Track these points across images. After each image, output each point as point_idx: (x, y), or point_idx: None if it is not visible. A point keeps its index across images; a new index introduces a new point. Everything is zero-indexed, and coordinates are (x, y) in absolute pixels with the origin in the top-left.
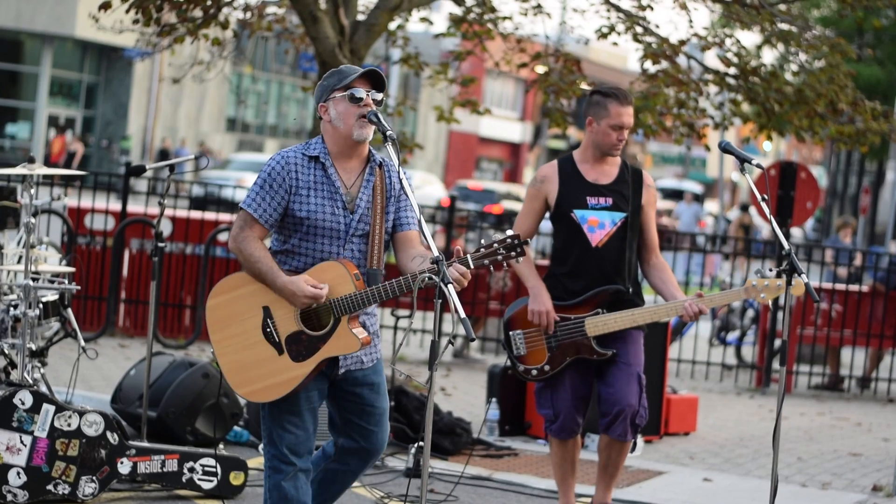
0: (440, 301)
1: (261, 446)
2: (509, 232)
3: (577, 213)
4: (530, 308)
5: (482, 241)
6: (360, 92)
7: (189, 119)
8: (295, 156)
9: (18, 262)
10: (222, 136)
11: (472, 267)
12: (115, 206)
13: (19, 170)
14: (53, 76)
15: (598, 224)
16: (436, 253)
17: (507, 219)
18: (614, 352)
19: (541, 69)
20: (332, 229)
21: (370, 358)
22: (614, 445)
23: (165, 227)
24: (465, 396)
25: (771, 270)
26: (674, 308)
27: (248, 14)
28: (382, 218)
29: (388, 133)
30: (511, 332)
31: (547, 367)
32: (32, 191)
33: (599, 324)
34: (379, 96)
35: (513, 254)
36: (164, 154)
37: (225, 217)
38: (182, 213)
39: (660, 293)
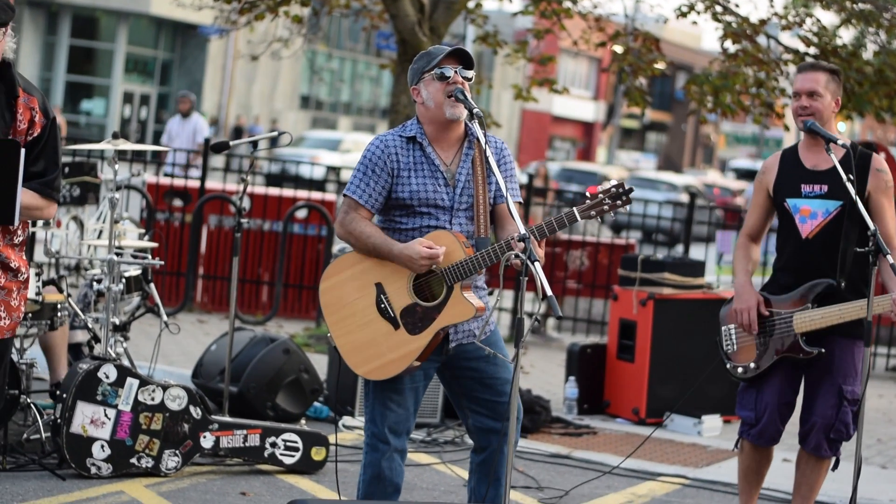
0: (525, 278)
1: (341, 422)
2: (613, 181)
3: (790, 203)
4: (733, 306)
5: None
6: (448, 70)
7: (263, 96)
8: (393, 138)
9: (98, 237)
10: (296, 113)
11: (579, 219)
12: (194, 183)
13: (104, 145)
14: (129, 53)
15: (810, 214)
16: (522, 230)
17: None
18: (821, 350)
19: (619, 48)
20: (437, 206)
21: (483, 330)
22: (809, 461)
23: (244, 204)
24: (543, 375)
25: None
26: (881, 304)
27: None
28: (485, 188)
29: (475, 110)
30: (724, 327)
31: (753, 365)
32: (116, 167)
33: (807, 320)
34: (468, 73)
35: (618, 202)
36: (238, 131)
37: (302, 194)
38: (259, 189)
39: (887, 288)
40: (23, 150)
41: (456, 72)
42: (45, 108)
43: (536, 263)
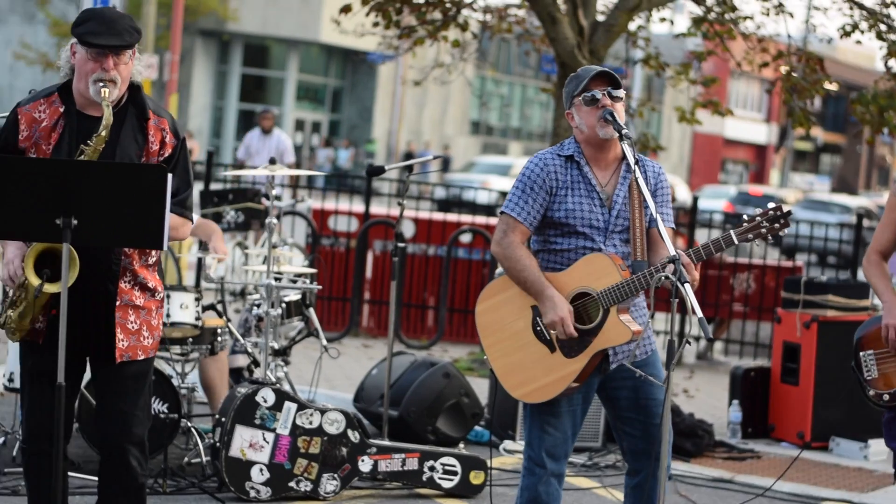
0: (676, 300)
1: (502, 446)
2: (772, 203)
3: None
4: (884, 322)
5: (746, 215)
6: (596, 93)
7: (433, 122)
8: (552, 157)
9: (263, 262)
10: (466, 138)
11: (736, 242)
12: (359, 207)
13: (261, 171)
14: (299, 81)
15: None
16: (672, 251)
17: None
18: None
19: (783, 69)
20: (592, 227)
21: (642, 350)
22: None
23: (408, 229)
24: (708, 399)
25: None
26: None
27: (489, 16)
28: (641, 212)
29: (624, 132)
30: (861, 353)
31: None
32: (275, 192)
33: None
34: (618, 94)
35: (776, 225)
36: (408, 157)
37: (466, 219)
38: (425, 214)
39: None
40: (170, 176)
41: (605, 94)
42: (175, 128)
43: (687, 285)
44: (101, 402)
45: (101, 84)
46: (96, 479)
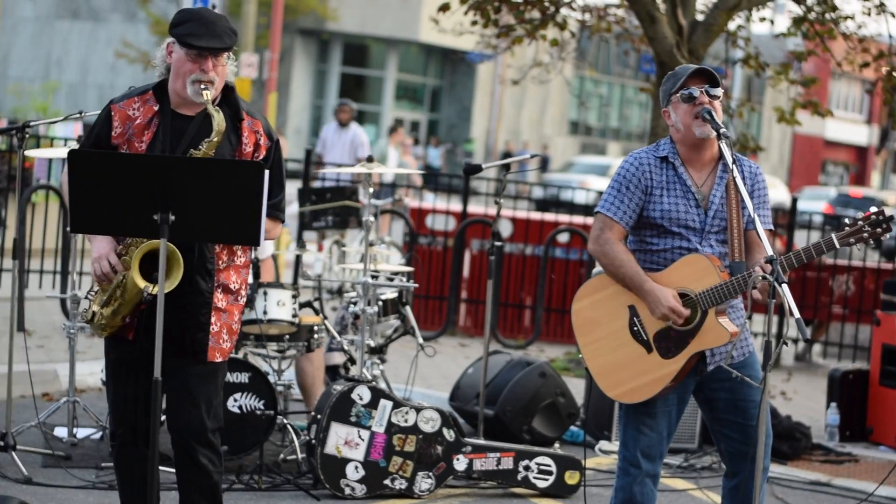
0: (772, 301)
1: (597, 446)
2: (874, 207)
3: None
4: None
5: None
6: (694, 91)
7: (532, 122)
8: (647, 157)
9: (360, 260)
10: (565, 139)
11: (837, 246)
12: (457, 206)
13: (358, 168)
14: (398, 80)
15: None
16: (770, 252)
17: None
18: None
19: (884, 69)
20: (688, 227)
21: (740, 353)
22: None
23: (506, 228)
24: (806, 401)
25: None
26: None
27: (587, 15)
28: (739, 212)
29: (721, 130)
30: None
31: None
32: (371, 190)
33: None
34: (715, 92)
35: (878, 230)
36: (507, 157)
37: (564, 219)
38: (522, 213)
39: None
40: (266, 173)
41: (702, 92)
42: (269, 130)
43: (784, 286)
44: (171, 399)
45: (202, 86)
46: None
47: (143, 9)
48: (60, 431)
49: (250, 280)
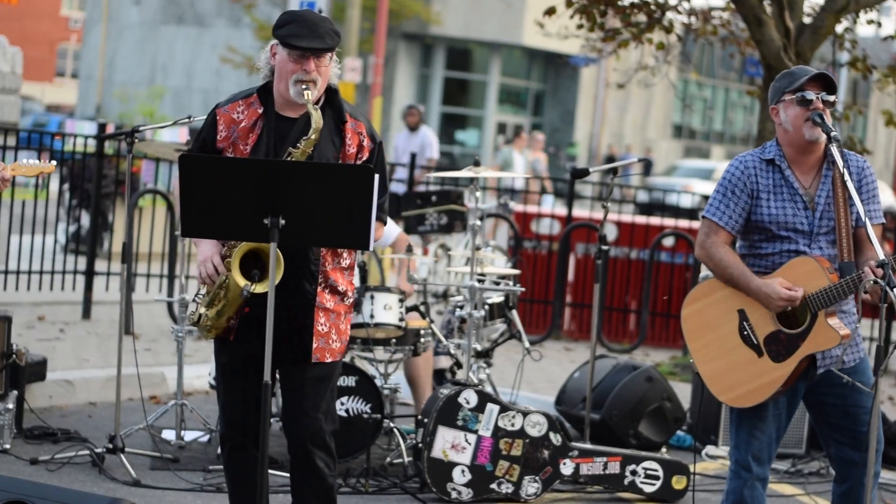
0: (884, 305)
1: (704, 451)
2: None
3: None
4: None
5: None
6: (810, 94)
7: (635, 125)
8: (752, 160)
9: (466, 264)
10: (668, 142)
11: None
12: (561, 210)
13: (465, 172)
14: (502, 84)
15: None
16: (881, 254)
17: None
18: None
19: None
20: (797, 230)
21: (851, 358)
22: None
23: (610, 232)
24: None
25: None
26: None
27: (693, 18)
28: (846, 211)
29: (833, 134)
30: None
31: None
32: (479, 194)
33: None
34: (830, 99)
35: None
36: (610, 160)
37: (669, 222)
38: (627, 217)
39: None
40: (376, 177)
41: (818, 97)
42: (372, 132)
43: None
44: (286, 403)
45: (304, 86)
46: (286, 474)
47: (248, 14)
48: (168, 434)
49: (357, 283)
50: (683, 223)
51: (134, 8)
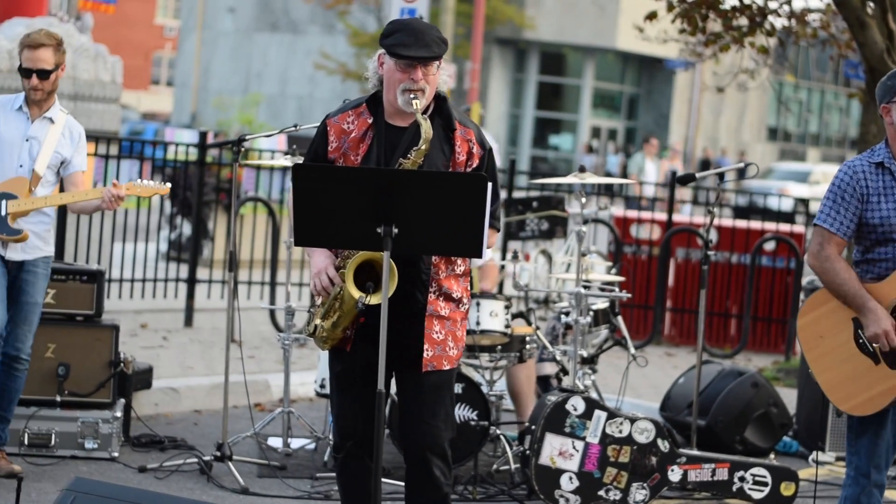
0: None
1: (811, 457)
2: None
3: None
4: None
5: None
6: None
7: (730, 128)
8: (861, 164)
9: (566, 270)
10: (763, 144)
11: None
12: (661, 215)
13: (570, 178)
14: (595, 88)
15: None
16: None
17: None
18: None
19: None
20: None
21: None
22: None
23: (711, 236)
24: None
25: None
26: None
27: (792, 21)
28: None
29: None
30: None
31: None
32: (583, 200)
33: None
34: None
35: None
36: (705, 164)
37: (770, 226)
38: (727, 222)
39: None
40: (489, 185)
41: None
42: (482, 139)
43: None
44: (404, 411)
45: (412, 95)
46: (399, 483)
47: (342, 20)
48: (274, 441)
49: None
50: (784, 227)
51: (228, 16)
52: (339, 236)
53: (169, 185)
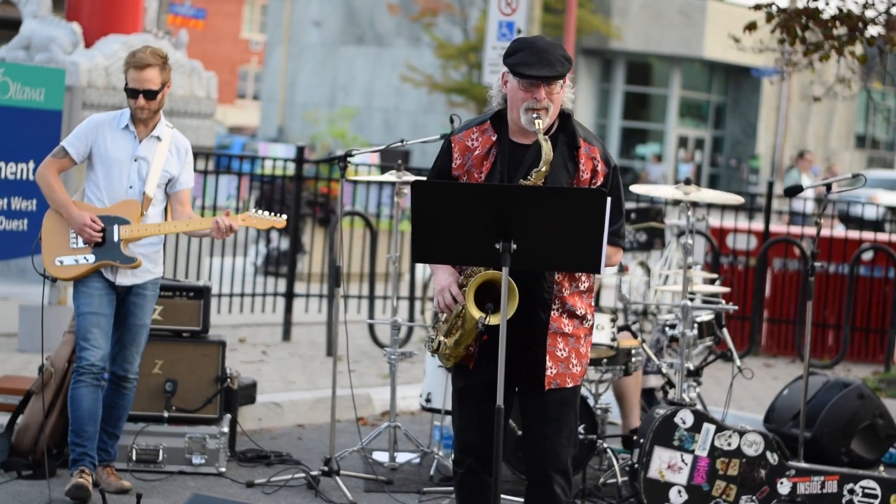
0: None
1: None
2: None
3: None
4: None
5: None
6: None
7: (818, 137)
8: None
9: (665, 282)
10: (851, 153)
11: None
12: (758, 225)
13: (675, 192)
14: (682, 97)
15: None
16: None
17: None
18: None
19: None
20: None
21: None
22: None
23: (808, 247)
24: None
25: None
26: None
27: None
28: None
29: None
30: None
31: None
32: (689, 213)
33: None
34: None
35: None
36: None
37: (868, 235)
38: (824, 232)
39: None
40: (608, 200)
41: None
42: (606, 156)
43: None
44: (527, 429)
45: (535, 115)
46: (513, 498)
47: (428, 33)
48: (380, 456)
49: None
50: (882, 236)
51: (314, 29)
52: (456, 252)
53: (285, 217)
